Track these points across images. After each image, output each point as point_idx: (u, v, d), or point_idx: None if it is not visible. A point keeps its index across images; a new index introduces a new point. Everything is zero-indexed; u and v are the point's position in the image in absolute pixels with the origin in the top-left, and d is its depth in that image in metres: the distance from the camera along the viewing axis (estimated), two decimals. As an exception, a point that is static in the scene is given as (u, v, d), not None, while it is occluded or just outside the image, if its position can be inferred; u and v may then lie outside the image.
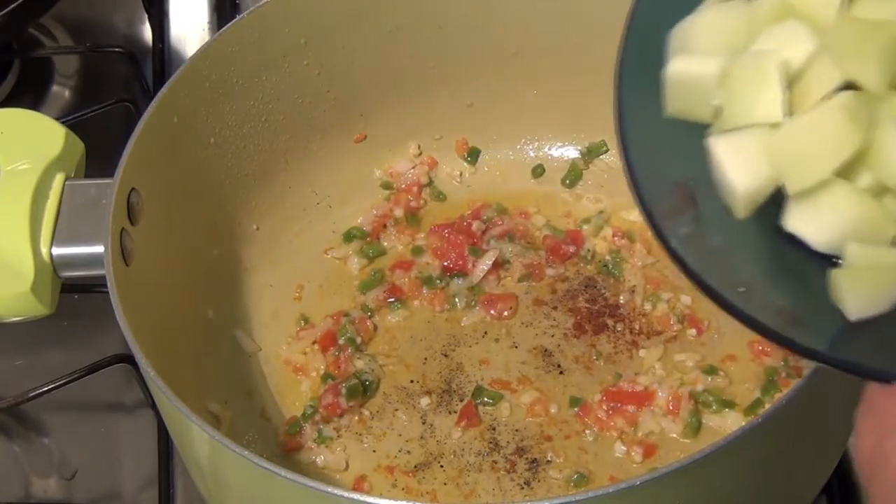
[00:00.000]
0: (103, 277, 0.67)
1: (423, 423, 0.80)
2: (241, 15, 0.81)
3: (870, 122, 0.52)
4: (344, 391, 0.79)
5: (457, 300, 0.86)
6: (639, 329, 0.82)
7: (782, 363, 0.78)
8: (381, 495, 0.67)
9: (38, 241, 0.70)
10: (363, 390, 0.81)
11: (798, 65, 0.54)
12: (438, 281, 0.87)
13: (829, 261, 0.54)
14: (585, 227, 0.88)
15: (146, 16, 1.13)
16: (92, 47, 1.12)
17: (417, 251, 0.89)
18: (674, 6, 0.61)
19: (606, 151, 0.90)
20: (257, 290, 0.87)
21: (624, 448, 0.76)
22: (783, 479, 0.66)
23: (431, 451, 0.78)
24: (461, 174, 0.94)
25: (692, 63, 0.58)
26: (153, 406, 0.87)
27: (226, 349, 0.84)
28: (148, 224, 0.74)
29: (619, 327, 0.83)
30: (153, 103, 0.75)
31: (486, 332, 0.84)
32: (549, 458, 0.77)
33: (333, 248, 0.90)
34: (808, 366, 0.65)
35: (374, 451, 0.79)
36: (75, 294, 0.87)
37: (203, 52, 0.80)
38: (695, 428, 0.76)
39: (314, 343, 0.84)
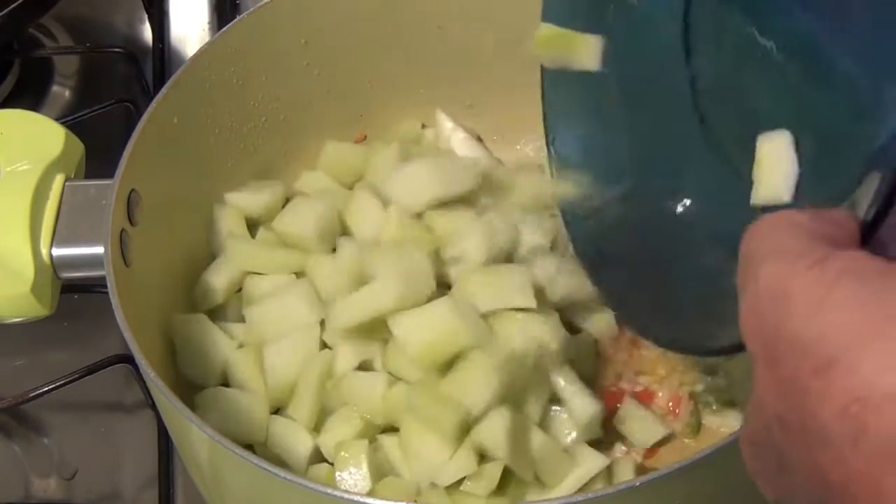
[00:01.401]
0: (103, 278, 0.67)
1: (423, 424, 0.79)
2: (241, 15, 0.82)
3: None
4: (344, 391, 0.79)
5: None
6: (639, 329, 0.82)
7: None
8: (381, 495, 0.67)
9: (38, 242, 0.70)
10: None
11: None
12: (439, 281, 0.86)
13: None
14: (585, 226, 0.88)
15: (146, 16, 1.13)
16: (92, 47, 1.12)
17: (417, 251, 0.89)
18: None
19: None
20: (257, 290, 0.87)
21: (624, 448, 0.76)
22: (783, 480, 0.66)
23: (431, 451, 0.78)
24: (461, 174, 0.93)
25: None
26: (153, 406, 0.87)
27: (226, 349, 0.84)
28: (148, 224, 0.74)
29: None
30: (153, 103, 0.75)
31: (486, 332, 0.84)
32: (549, 458, 0.77)
33: (333, 248, 0.90)
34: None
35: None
36: (75, 294, 0.87)
37: (203, 52, 0.80)
38: (695, 428, 0.76)
39: (314, 343, 0.84)
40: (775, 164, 0.58)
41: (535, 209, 0.75)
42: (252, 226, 0.84)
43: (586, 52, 0.70)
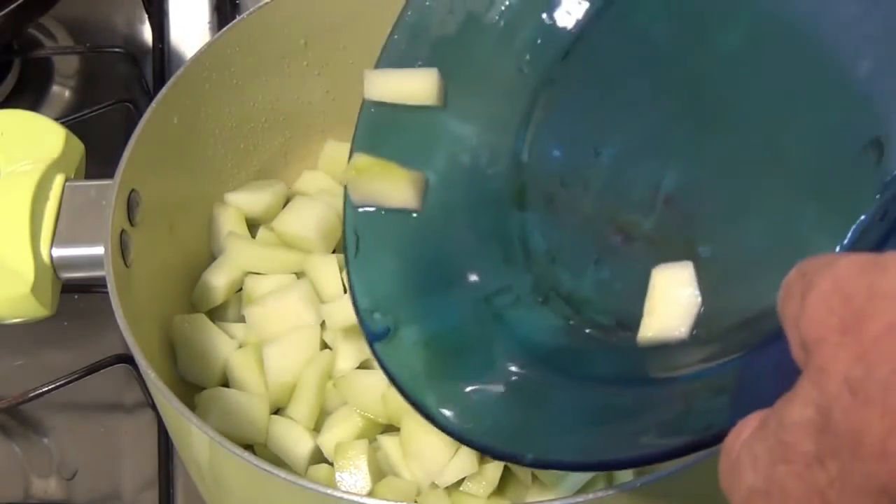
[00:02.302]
0: (103, 278, 0.67)
1: (423, 424, 0.79)
2: (241, 15, 0.81)
3: None
4: (344, 391, 0.79)
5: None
6: (639, 329, 0.82)
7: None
8: (381, 496, 0.67)
9: (39, 243, 0.70)
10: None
11: None
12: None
13: None
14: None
15: (146, 16, 1.13)
16: (92, 47, 1.12)
17: (418, 251, 0.89)
18: None
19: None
20: (257, 290, 0.87)
21: (624, 448, 0.76)
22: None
23: (431, 451, 0.78)
24: (461, 174, 0.93)
25: None
26: (153, 406, 0.87)
27: (226, 349, 0.84)
28: (148, 224, 0.74)
29: (619, 327, 0.82)
30: (153, 103, 0.75)
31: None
32: (549, 459, 0.76)
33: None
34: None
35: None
36: (75, 294, 0.87)
37: (203, 52, 0.79)
38: (695, 428, 0.76)
39: (314, 343, 0.84)
40: (672, 295, 0.55)
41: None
42: (252, 226, 0.84)
43: (405, 188, 0.64)
